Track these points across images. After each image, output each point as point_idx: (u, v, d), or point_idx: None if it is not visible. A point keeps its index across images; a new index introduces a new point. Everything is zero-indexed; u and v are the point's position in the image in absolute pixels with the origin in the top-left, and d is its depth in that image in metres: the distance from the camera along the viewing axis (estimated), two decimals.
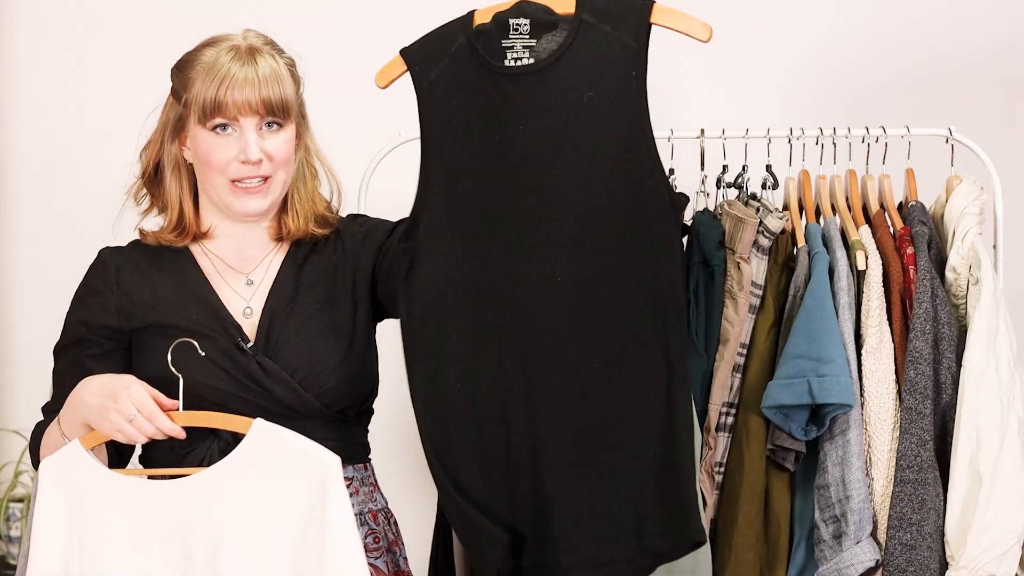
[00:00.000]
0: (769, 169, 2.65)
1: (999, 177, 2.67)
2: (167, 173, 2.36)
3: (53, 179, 3.47)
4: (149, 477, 2.21)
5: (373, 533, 2.36)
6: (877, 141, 2.68)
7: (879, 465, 2.44)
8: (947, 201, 2.57)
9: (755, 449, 2.47)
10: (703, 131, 2.67)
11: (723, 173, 2.65)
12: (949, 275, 2.52)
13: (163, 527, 2.14)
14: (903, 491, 2.41)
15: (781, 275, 2.54)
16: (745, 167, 2.66)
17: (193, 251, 2.38)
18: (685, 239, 2.48)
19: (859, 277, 2.50)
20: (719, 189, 2.65)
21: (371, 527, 2.36)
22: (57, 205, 3.46)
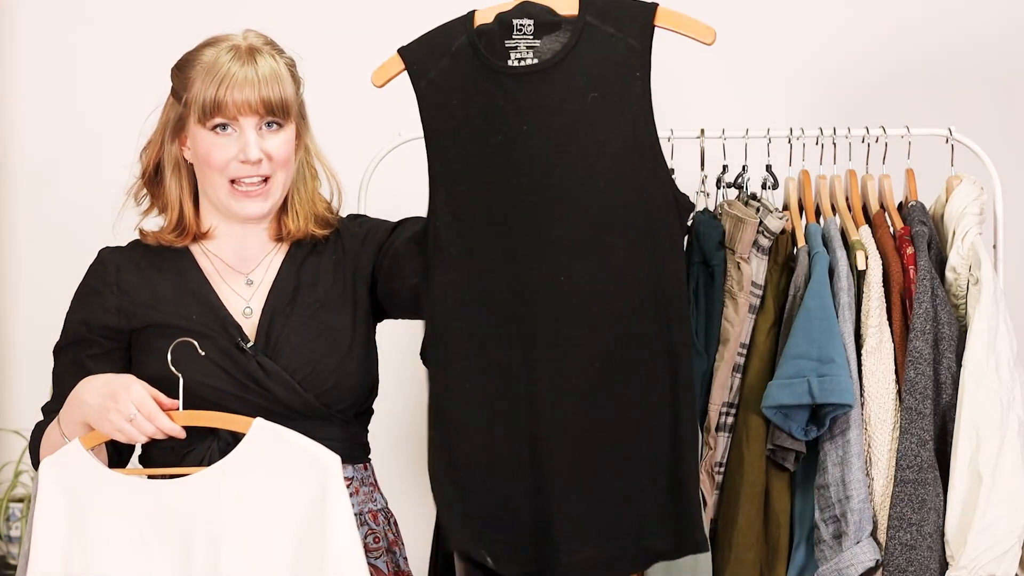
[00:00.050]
0: (769, 169, 2.65)
1: (999, 177, 2.67)
2: (167, 173, 2.36)
3: (53, 179, 3.46)
4: (149, 477, 2.21)
5: (373, 533, 2.36)
6: (877, 141, 2.68)
7: (879, 465, 2.44)
8: (947, 201, 2.57)
9: (755, 449, 2.47)
10: (703, 131, 2.67)
11: (723, 173, 2.66)
12: (949, 275, 2.52)
13: (163, 527, 2.14)
14: (903, 491, 2.41)
15: (781, 275, 2.54)
16: (745, 167, 2.66)
17: (193, 251, 2.38)
18: (685, 239, 2.47)
19: (859, 277, 2.50)
20: (719, 189, 2.65)
21: (371, 527, 2.36)
22: (57, 205, 3.45)
